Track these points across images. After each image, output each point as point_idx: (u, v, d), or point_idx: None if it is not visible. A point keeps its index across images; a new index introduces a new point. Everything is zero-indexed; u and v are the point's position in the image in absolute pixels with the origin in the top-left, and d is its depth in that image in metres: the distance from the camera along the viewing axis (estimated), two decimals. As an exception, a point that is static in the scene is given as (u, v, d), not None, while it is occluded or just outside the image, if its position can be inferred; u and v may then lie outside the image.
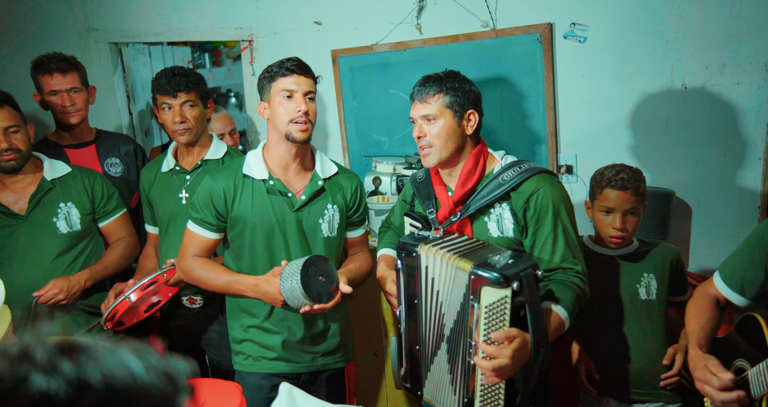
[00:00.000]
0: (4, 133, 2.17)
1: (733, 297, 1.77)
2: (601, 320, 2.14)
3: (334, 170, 2.11)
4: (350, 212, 2.15)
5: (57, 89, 2.56)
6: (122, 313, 2.14)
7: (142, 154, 2.88)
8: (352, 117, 3.20)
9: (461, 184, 1.85)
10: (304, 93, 1.96)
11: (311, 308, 1.91)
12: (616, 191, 2.04)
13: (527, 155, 2.88)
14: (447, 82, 1.84)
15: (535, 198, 1.78)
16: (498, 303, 1.58)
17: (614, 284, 2.13)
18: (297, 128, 1.94)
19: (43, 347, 0.62)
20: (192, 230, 2.07)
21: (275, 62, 2.01)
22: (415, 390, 1.90)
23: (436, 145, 1.83)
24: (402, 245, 1.80)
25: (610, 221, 2.06)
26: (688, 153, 2.65)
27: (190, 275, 2.08)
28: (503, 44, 2.80)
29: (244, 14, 3.23)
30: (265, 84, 2.01)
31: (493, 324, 1.61)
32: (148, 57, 3.81)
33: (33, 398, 0.59)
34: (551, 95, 2.77)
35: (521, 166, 1.84)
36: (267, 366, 2.09)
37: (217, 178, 2.04)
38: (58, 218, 2.30)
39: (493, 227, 1.85)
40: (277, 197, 2.02)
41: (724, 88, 2.54)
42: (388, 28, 2.98)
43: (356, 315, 2.83)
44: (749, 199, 2.60)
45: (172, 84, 2.26)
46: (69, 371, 0.61)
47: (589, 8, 2.66)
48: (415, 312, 1.81)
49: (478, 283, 1.59)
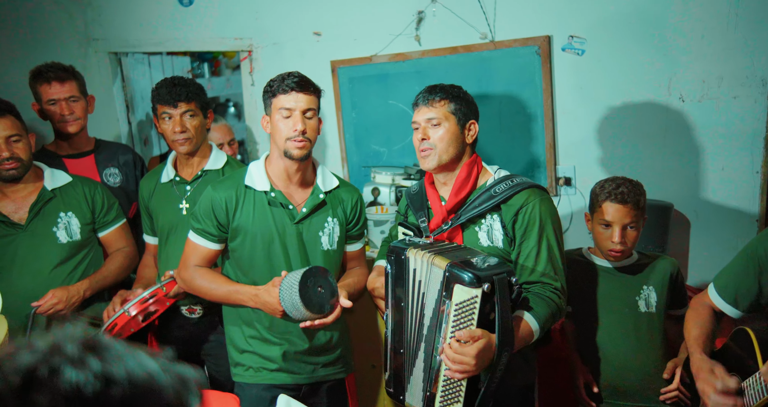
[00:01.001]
0: (5, 142, 2.16)
1: (727, 309, 1.78)
2: (600, 332, 2.14)
3: (335, 184, 2.12)
4: (350, 226, 2.15)
5: (55, 98, 2.55)
6: (121, 326, 2.14)
7: (141, 164, 2.87)
8: (351, 128, 3.20)
9: (455, 193, 1.90)
10: (302, 111, 1.96)
11: (312, 324, 1.92)
12: (615, 205, 2.04)
13: (526, 166, 2.89)
14: (453, 90, 1.91)
15: (524, 211, 1.83)
16: (468, 302, 1.63)
17: (613, 297, 2.13)
18: (294, 146, 1.96)
19: (72, 342, 0.65)
20: (193, 240, 2.08)
21: (277, 77, 2.01)
22: (398, 395, 1.91)
23: (438, 148, 1.87)
24: (392, 248, 1.85)
25: (609, 234, 2.06)
26: (686, 166, 2.66)
27: (191, 285, 2.09)
28: (502, 56, 2.82)
29: (243, 25, 3.25)
30: (266, 99, 2.03)
31: (461, 322, 1.65)
32: (147, 67, 3.82)
33: (65, 389, 0.61)
34: (549, 107, 2.78)
35: (513, 180, 1.89)
36: (268, 377, 2.09)
37: (219, 188, 2.05)
38: (58, 227, 2.30)
39: (483, 237, 1.89)
40: (279, 209, 2.03)
41: (721, 101, 2.56)
42: (387, 39, 3.00)
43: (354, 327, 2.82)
44: (747, 212, 2.61)
45: (172, 94, 2.27)
46: (96, 366, 0.64)
47: (587, 21, 2.68)
48: (400, 315, 1.84)
49: (451, 281, 1.65)
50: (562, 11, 2.70)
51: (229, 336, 2.17)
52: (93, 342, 0.67)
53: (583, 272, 2.17)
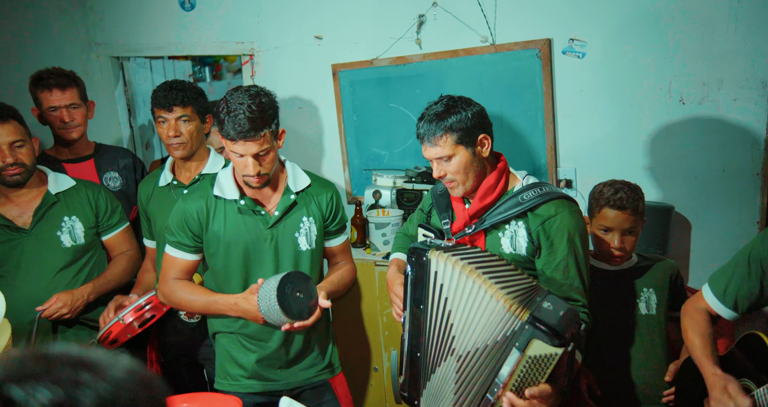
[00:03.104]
0: (9, 147, 2.17)
1: (725, 313, 1.75)
2: (601, 334, 2.14)
3: (307, 183, 2.08)
4: (327, 222, 2.12)
5: (56, 105, 2.54)
6: (116, 334, 2.15)
7: (141, 167, 2.87)
8: (352, 131, 3.21)
9: (479, 198, 1.85)
10: (253, 155, 1.86)
11: (291, 326, 1.90)
12: (614, 211, 2.04)
13: (527, 169, 2.89)
14: (449, 118, 1.78)
15: (552, 223, 1.77)
16: (545, 358, 1.57)
17: (614, 299, 2.13)
18: (251, 181, 1.91)
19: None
20: (170, 253, 2.06)
21: (224, 115, 1.82)
22: (412, 399, 1.89)
23: (458, 179, 1.82)
24: (413, 249, 1.79)
25: (609, 239, 2.06)
26: (687, 168, 2.67)
27: (171, 299, 2.07)
28: (502, 59, 2.83)
29: (245, 29, 3.26)
30: (217, 126, 1.90)
31: (530, 375, 1.59)
32: (149, 71, 3.83)
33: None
34: (550, 110, 2.79)
35: (542, 188, 1.83)
36: (245, 385, 2.09)
37: (189, 200, 2.03)
38: (62, 231, 2.30)
39: (506, 243, 1.84)
40: (251, 216, 2.01)
41: (721, 103, 2.56)
42: (388, 42, 3.01)
43: (356, 330, 2.83)
44: (748, 214, 2.62)
45: (168, 98, 2.26)
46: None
47: (588, 24, 2.69)
48: (419, 318, 1.80)
49: (531, 335, 1.57)
50: (562, 14, 2.71)
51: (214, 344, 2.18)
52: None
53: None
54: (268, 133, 1.86)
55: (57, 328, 2.29)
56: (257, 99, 1.84)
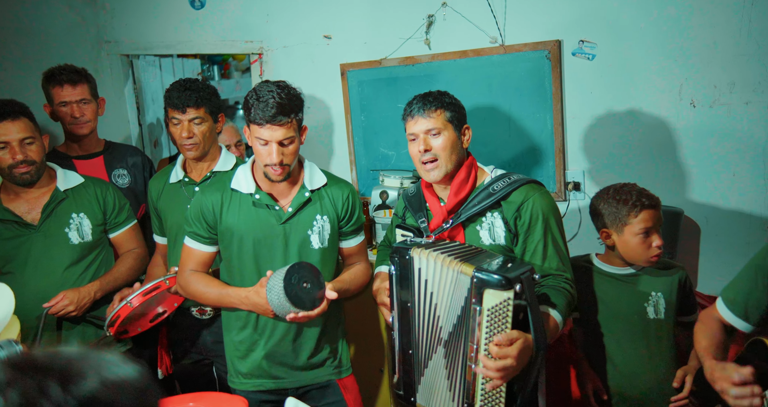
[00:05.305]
0: (19, 144, 2.18)
1: (737, 323, 1.74)
2: (608, 338, 2.13)
3: (323, 181, 2.10)
4: (342, 222, 2.13)
5: (67, 100, 2.58)
6: (124, 318, 2.13)
7: (150, 165, 2.89)
8: (360, 131, 3.21)
9: (454, 193, 1.91)
10: (278, 141, 1.91)
11: (296, 316, 1.91)
12: (651, 211, 2.04)
13: (535, 171, 2.88)
14: (445, 98, 1.92)
15: (526, 207, 1.86)
16: (500, 306, 1.62)
17: (622, 303, 2.12)
18: (272, 172, 1.96)
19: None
20: (188, 244, 2.11)
21: (254, 101, 1.91)
22: (408, 396, 1.90)
23: (442, 157, 1.88)
24: (395, 249, 1.84)
25: (651, 239, 2.03)
26: (697, 172, 2.65)
27: (187, 290, 2.10)
28: (511, 60, 2.82)
29: (254, 28, 3.26)
30: (245, 115, 1.97)
31: (495, 326, 1.64)
32: (158, 69, 3.85)
33: None
34: (559, 112, 2.77)
35: (510, 177, 1.92)
36: (255, 384, 2.11)
37: (206, 192, 2.08)
38: (70, 228, 2.31)
39: (485, 235, 1.90)
40: (264, 211, 2.03)
41: (733, 107, 2.54)
42: (397, 42, 3.00)
43: (360, 332, 2.82)
44: (758, 219, 2.60)
45: (182, 99, 2.26)
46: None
47: (598, 26, 2.67)
48: (408, 316, 1.83)
49: (480, 286, 1.63)
50: (572, 16, 2.70)
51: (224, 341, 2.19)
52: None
53: (591, 279, 2.16)
54: (294, 121, 1.93)
55: (62, 325, 2.30)
56: (286, 90, 1.94)
